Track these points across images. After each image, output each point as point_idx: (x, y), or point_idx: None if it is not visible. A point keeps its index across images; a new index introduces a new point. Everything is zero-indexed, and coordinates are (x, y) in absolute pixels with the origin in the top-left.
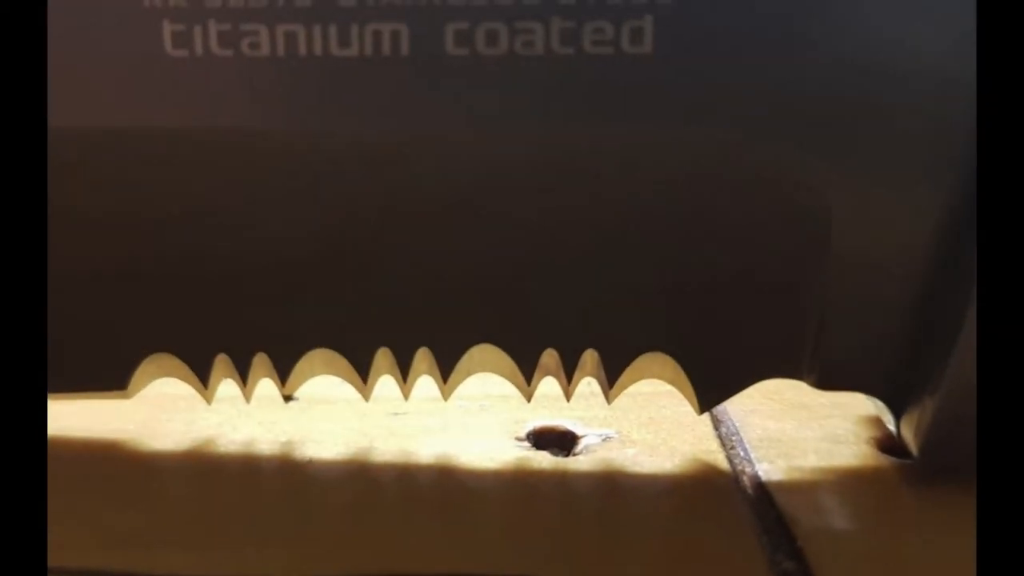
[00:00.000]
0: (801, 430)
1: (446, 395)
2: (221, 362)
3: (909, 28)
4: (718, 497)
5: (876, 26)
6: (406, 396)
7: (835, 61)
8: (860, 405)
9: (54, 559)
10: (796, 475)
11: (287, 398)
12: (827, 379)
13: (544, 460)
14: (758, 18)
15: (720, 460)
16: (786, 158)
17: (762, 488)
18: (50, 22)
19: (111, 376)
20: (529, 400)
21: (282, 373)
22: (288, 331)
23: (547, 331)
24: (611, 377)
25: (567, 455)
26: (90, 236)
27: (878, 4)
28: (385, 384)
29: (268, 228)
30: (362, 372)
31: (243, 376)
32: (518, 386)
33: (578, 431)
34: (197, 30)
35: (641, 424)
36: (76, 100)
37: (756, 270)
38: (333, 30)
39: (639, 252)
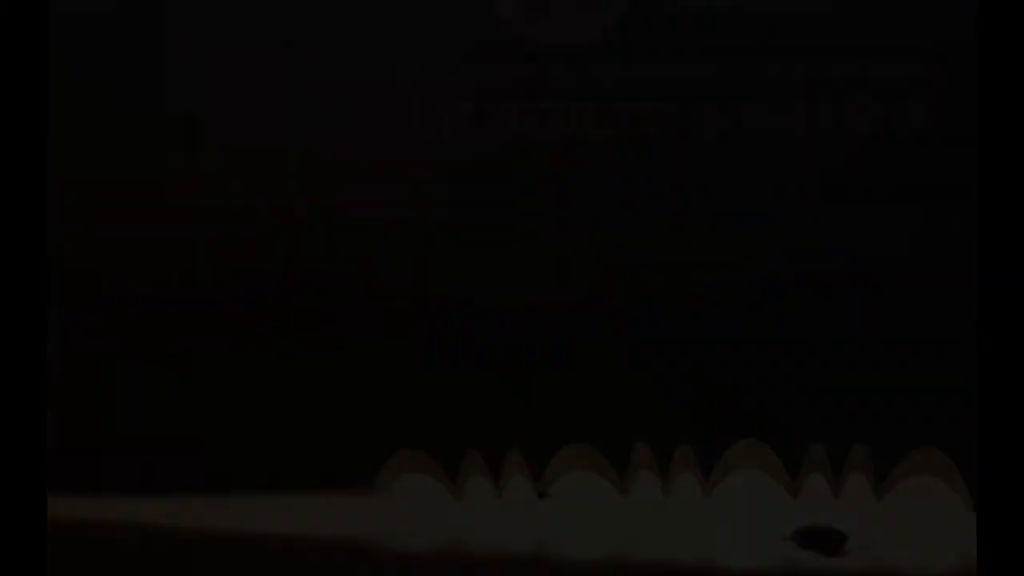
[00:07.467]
0: None
1: (708, 491)
2: (473, 458)
3: None
4: None
5: None
6: (665, 492)
7: None
8: None
9: None
10: None
11: (541, 495)
12: None
13: (811, 561)
14: None
15: None
16: None
17: None
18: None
19: (360, 472)
20: (795, 497)
21: (536, 469)
22: (543, 426)
23: (814, 426)
24: (881, 473)
25: (834, 556)
26: (340, 329)
27: None
28: (644, 480)
29: (523, 318)
30: (619, 468)
31: (496, 472)
32: (783, 482)
33: (846, 530)
34: None
35: (912, 523)
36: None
37: None
38: None
39: (915, 345)
